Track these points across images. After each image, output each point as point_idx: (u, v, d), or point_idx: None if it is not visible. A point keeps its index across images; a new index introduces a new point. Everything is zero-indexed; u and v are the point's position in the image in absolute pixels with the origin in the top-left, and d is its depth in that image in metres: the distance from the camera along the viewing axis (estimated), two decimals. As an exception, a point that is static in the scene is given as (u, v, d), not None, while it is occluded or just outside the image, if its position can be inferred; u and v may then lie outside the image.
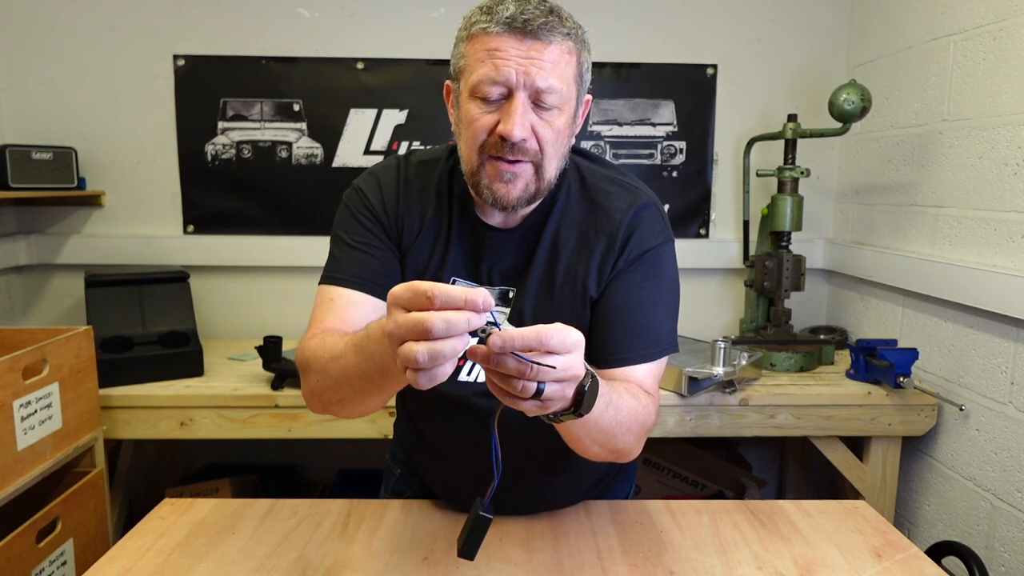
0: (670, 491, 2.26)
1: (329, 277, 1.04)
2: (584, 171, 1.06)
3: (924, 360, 1.86)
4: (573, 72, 0.93)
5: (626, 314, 1.00)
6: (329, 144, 2.28)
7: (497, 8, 0.89)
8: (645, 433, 0.97)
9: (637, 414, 0.92)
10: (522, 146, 0.91)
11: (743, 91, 2.31)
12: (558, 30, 0.89)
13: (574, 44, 0.92)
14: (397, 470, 1.29)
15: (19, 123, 2.22)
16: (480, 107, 0.92)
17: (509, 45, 0.88)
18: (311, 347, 0.96)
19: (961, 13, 1.75)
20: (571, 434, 0.87)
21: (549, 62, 0.89)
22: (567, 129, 0.95)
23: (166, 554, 1.03)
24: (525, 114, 0.90)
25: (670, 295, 1.05)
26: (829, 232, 2.39)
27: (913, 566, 1.02)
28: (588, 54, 0.96)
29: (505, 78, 0.89)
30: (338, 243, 1.06)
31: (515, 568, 1.00)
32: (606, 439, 0.89)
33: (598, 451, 0.92)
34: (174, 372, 1.86)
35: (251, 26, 2.23)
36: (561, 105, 0.92)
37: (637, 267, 1.01)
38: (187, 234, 2.29)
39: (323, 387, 0.94)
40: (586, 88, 0.98)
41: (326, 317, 1.00)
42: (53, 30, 2.19)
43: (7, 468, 1.39)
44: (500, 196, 0.94)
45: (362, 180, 1.08)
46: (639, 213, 1.02)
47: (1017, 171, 1.58)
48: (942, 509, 1.82)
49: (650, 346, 1.01)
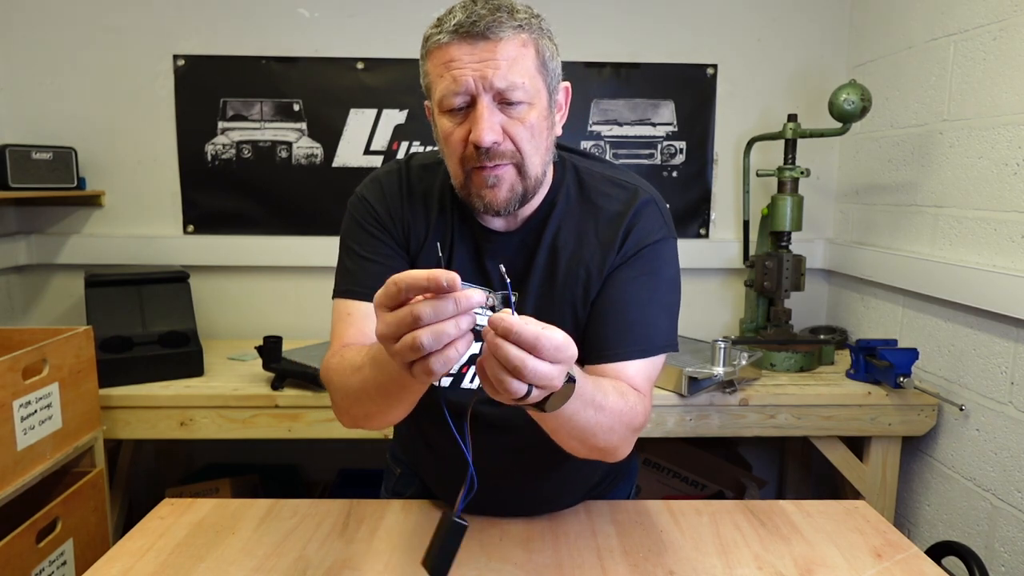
0: (670, 491, 2.26)
1: (344, 291, 1.03)
2: (583, 172, 1.05)
3: (924, 360, 1.86)
4: (533, 63, 0.91)
5: (619, 310, 0.99)
6: (329, 144, 2.28)
7: (446, 18, 0.89)
8: (632, 433, 0.94)
9: (622, 415, 0.90)
10: (496, 149, 0.90)
11: (743, 91, 2.31)
12: (507, 25, 0.88)
13: (529, 35, 0.91)
14: (397, 470, 1.29)
15: (19, 123, 2.22)
16: (451, 120, 0.92)
17: (462, 53, 0.88)
18: (333, 365, 0.97)
19: (961, 13, 1.75)
20: (546, 425, 0.85)
21: (504, 60, 0.88)
22: (543, 122, 0.94)
23: (166, 554, 1.03)
24: (492, 118, 0.89)
25: (668, 292, 1.03)
26: (829, 232, 2.39)
27: (913, 566, 1.02)
28: (549, 41, 0.95)
29: (464, 87, 0.88)
30: (349, 254, 1.05)
31: (515, 568, 1.00)
32: (585, 437, 0.87)
33: (577, 447, 0.90)
34: (174, 372, 1.86)
35: (251, 26, 2.23)
36: (529, 99, 0.91)
37: (633, 263, 1.00)
38: (187, 234, 2.29)
39: (348, 403, 0.94)
40: (556, 76, 0.97)
41: (346, 332, 1.00)
42: (53, 30, 2.19)
43: (7, 468, 1.39)
44: (489, 202, 0.94)
45: (365, 188, 1.07)
46: (639, 211, 1.01)
47: (1017, 171, 1.58)
48: (942, 509, 1.82)
49: (643, 343, 0.98)
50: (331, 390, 0.98)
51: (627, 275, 1.00)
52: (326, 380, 0.99)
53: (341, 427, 1.79)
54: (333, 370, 0.96)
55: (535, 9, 0.95)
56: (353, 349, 0.94)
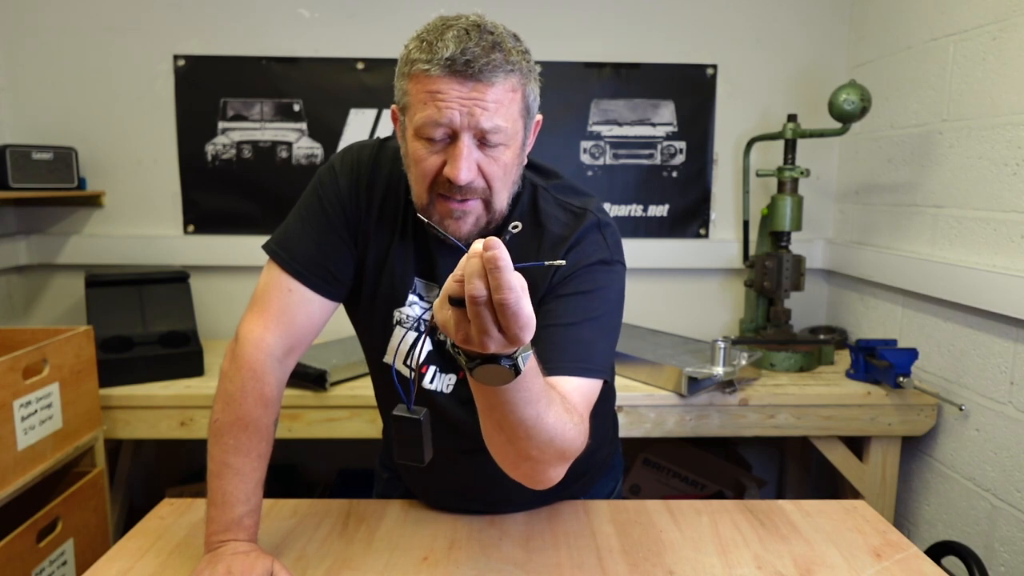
0: (670, 491, 2.26)
1: (292, 264, 1.03)
2: (539, 195, 1.04)
3: (924, 360, 1.86)
4: (519, 108, 0.91)
5: (554, 327, 0.95)
6: (329, 144, 2.28)
7: (437, 45, 0.86)
8: (561, 459, 0.87)
9: (563, 431, 0.83)
10: (469, 186, 0.90)
11: (743, 91, 2.31)
12: (502, 69, 0.87)
13: (519, 80, 0.90)
14: (384, 475, 1.31)
15: (19, 123, 2.22)
16: (426, 147, 0.91)
17: (451, 87, 0.86)
18: (232, 391, 1.02)
19: (961, 13, 1.75)
20: (490, 412, 0.79)
21: (493, 102, 0.87)
22: (516, 160, 0.94)
23: (166, 554, 1.03)
24: (471, 156, 0.89)
25: (605, 314, 0.98)
26: (829, 232, 2.39)
27: (913, 566, 1.02)
28: (534, 83, 0.94)
29: (448, 120, 0.87)
30: (302, 220, 1.06)
31: (515, 568, 1.00)
32: (519, 437, 0.80)
33: (504, 448, 0.84)
34: (174, 372, 1.86)
35: (251, 26, 2.23)
36: (507, 141, 0.91)
37: (568, 282, 0.98)
38: (187, 234, 2.29)
39: (213, 423, 1.01)
40: (534, 115, 0.96)
41: (272, 307, 1.03)
42: (53, 30, 2.19)
43: (7, 468, 1.39)
44: (451, 232, 0.94)
45: (339, 161, 1.07)
46: (581, 235, 0.99)
47: (1017, 171, 1.58)
48: (942, 509, 1.82)
49: (581, 360, 0.93)
50: (219, 392, 1.03)
51: (562, 293, 0.97)
52: (227, 373, 1.04)
53: (341, 427, 1.81)
54: (232, 397, 1.01)
55: (523, 43, 0.93)
56: (250, 442, 0.99)
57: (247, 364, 1.01)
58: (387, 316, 1.07)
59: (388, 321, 1.07)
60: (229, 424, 0.99)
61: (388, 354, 1.08)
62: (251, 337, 1.03)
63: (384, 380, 1.13)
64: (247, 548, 0.95)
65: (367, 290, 1.07)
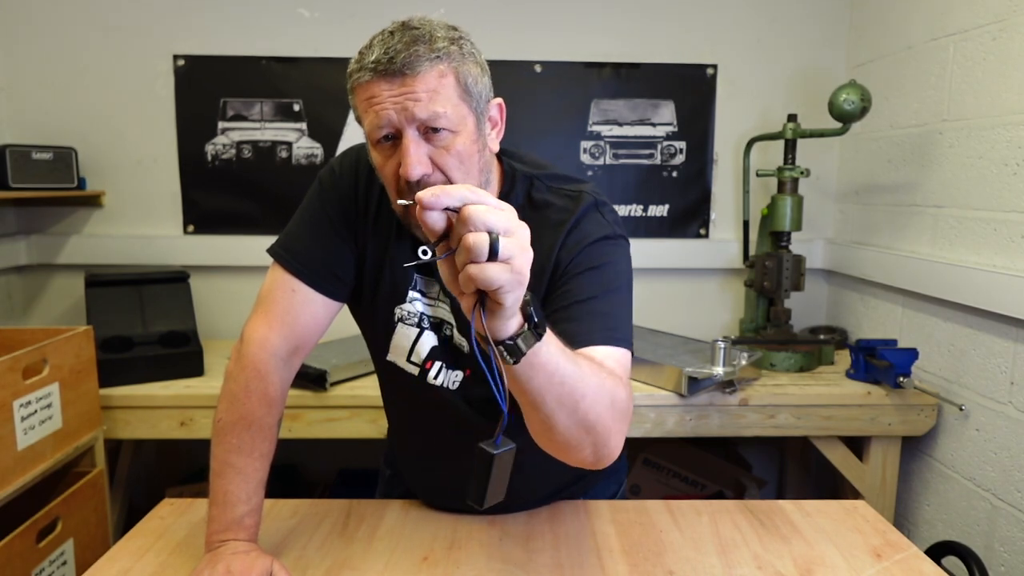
0: (670, 491, 2.26)
1: (294, 264, 1.06)
2: (534, 185, 1.04)
3: (924, 360, 1.86)
4: (455, 91, 0.91)
5: (575, 304, 0.95)
6: (329, 144, 2.28)
7: (365, 54, 0.89)
8: (622, 416, 0.86)
9: (605, 386, 0.83)
10: (427, 182, 0.90)
11: (743, 91, 2.31)
12: (424, 58, 0.88)
13: (447, 64, 0.90)
14: (387, 472, 1.31)
15: (19, 123, 2.22)
16: (382, 153, 0.93)
17: (381, 89, 0.88)
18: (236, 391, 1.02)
19: (961, 13, 1.75)
20: (533, 390, 0.77)
21: (424, 92, 0.88)
22: (472, 146, 0.93)
23: (166, 554, 1.03)
24: (418, 151, 0.89)
25: (619, 286, 0.99)
26: (829, 232, 2.39)
27: (913, 566, 1.02)
28: (473, 64, 0.93)
29: (388, 120, 0.89)
30: (304, 222, 1.08)
31: (515, 568, 1.00)
32: (574, 401, 0.79)
33: (566, 421, 0.80)
34: (174, 372, 1.86)
35: (251, 26, 2.23)
36: (453, 127, 0.90)
37: (576, 262, 0.98)
38: (187, 234, 2.29)
39: (216, 422, 1.02)
40: (484, 97, 0.95)
41: (277, 308, 1.05)
42: (53, 30, 2.19)
43: (7, 468, 1.39)
44: (424, 236, 0.94)
45: (339, 163, 1.09)
46: (580, 217, 1.00)
47: (1017, 171, 1.58)
48: (942, 509, 1.82)
49: (608, 329, 0.94)
50: (223, 391, 1.03)
51: (574, 272, 0.98)
52: (231, 373, 1.03)
53: (341, 427, 1.80)
54: (236, 396, 1.01)
55: (460, 31, 0.94)
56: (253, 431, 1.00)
57: (251, 364, 1.02)
58: (388, 314, 1.07)
59: (390, 319, 1.07)
60: (232, 423, 1.00)
61: (391, 352, 1.09)
62: (255, 337, 1.04)
63: (389, 378, 1.13)
64: (247, 548, 0.95)
65: (368, 289, 1.08)
